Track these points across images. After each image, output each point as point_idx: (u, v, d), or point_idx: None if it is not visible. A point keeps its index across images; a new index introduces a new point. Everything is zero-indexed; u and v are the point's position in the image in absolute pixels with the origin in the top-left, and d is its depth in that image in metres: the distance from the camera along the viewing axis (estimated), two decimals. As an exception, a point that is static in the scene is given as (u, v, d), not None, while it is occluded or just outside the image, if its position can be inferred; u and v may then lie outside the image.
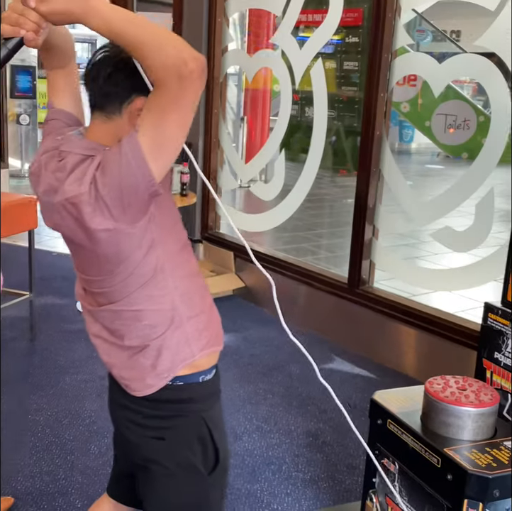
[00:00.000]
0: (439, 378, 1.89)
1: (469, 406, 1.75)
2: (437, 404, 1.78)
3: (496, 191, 3.29)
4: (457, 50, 12.05)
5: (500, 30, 3.07)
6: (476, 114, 11.10)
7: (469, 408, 1.75)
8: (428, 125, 11.13)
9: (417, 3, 3.74)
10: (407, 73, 3.82)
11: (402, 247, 5.99)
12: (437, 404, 1.78)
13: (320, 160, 4.16)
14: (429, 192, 8.43)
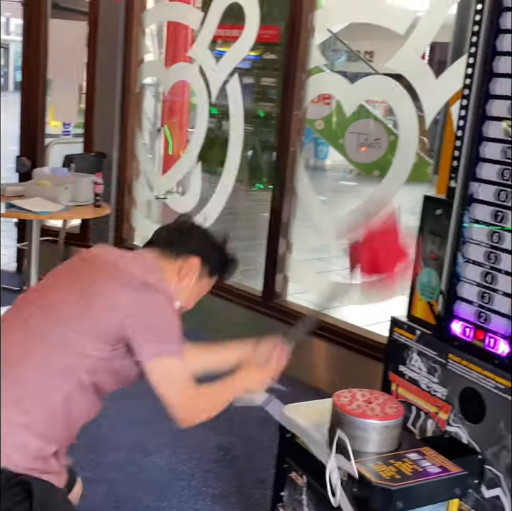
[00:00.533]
0: (346, 391, 1.92)
1: (374, 419, 1.80)
2: (344, 416, 1.82)
3: (404, 208, 3.40)
4: (370, 71, 12.43)
5: (408, 54, 3.19)
6: (387, 133, 11.46)
7: (374, 421, 1.79)
8: (342, 142, 11.42)
9: (332, 24, 3.84)
10: (321, 92, 3.91)
11: (316, 261, 6.09)
12: (344, 416, 1.82)
13: (236, 174, 4.19)
14: (342, 208, 8.63)
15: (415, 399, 2.18)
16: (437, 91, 3.06)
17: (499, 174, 1.98)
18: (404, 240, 2.00)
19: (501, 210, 1.98)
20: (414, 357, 2.21)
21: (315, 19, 3.54)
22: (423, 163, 11.45)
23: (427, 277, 2.27)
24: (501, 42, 1.97)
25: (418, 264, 2.31)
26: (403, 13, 3.26)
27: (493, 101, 2.01)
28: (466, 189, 2.09)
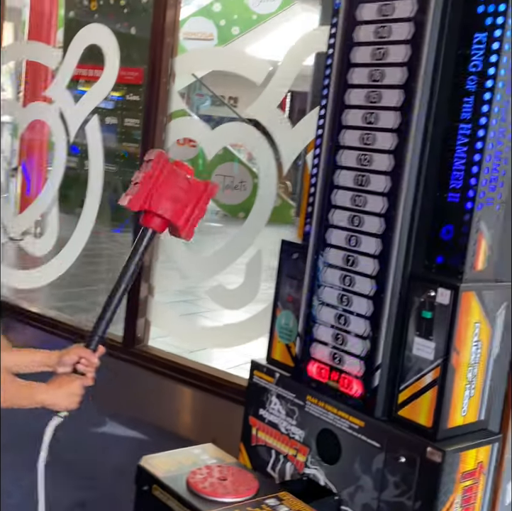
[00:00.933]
0: (204, 468, 1.94)
1: (225, 497, 1.81)
2: (196, 495, 1.81)
3: (266, 249, 3.47)
4: (235, 115, 12.75)
5: (266, 102, 3.29)
6: (251, 176, 11.77)
7: (224, 499, 1.81)
8: (207, 184, 11.53)
9: (194, 70, 3.91)
10: (182, 136, 3.94)
11: (180, 303, 6.05)
12: (196, 495, 1.81)
13: (95, 214, 4.10)
14: (207, 249, 8.67)
15: (275, 443, 2.19)
16: (294, 139, 3.17)
17: (349, 221, 2.07)
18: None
19: (351, 255, 2.06)
20: (273, 400, 2.22)
21: (179, 64, 3.58)
22: (286, 206, 11.83)
23: (285, 320, 2.31)
24: (348, 96, 2.08)
25: (276, 307, 2.35)
26: (261, 64, 3.37)
27: (343, 151, 2.10)
28: (320, 234, 2.16)
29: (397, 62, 1.94)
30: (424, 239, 2.00)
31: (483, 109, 1.87)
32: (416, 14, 1.89)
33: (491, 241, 1.96)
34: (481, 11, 1.87)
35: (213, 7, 14.33)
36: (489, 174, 1.90)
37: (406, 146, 1.92)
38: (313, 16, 11.31)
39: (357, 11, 2.05)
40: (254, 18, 13.83)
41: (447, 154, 1.95)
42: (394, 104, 1.95)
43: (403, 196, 1.93)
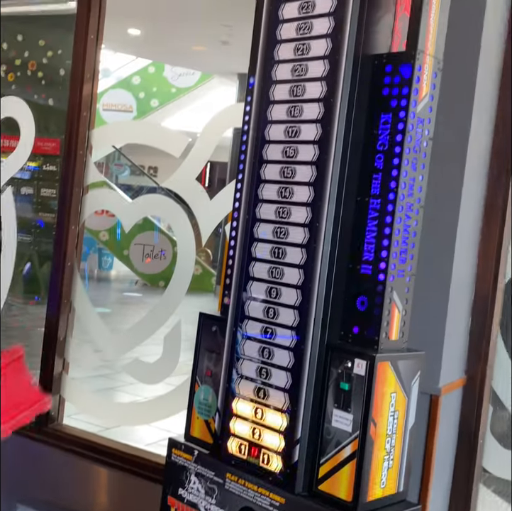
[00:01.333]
0: None
1: None
2: None
3: (187, 319, 3.44)
4: (154, 185, 12.81)
5: (184, 174, 3.32)
6: (172, 245, 11.76)
7: None
8: (127, 253, 11.45)
9: (112, 142, 3.92)
10: (100, 208, 3.91)
11: (96, 378, 5.86)
12: None
13: (8, 287, 3.98)
14: (126, 321, 8.52)
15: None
16: (212, 210, 3.20)
17: (267, 293, 2.08)
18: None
19: (270, 326, 2.06)
20: (192, 479, 2.16)
21: (97, 136, 3.59)
22: (207, 274, 11.84)
23: (204, 395, 2.27)
24: (264, 171, 2.13)
25: (195, 381, 2.31)
26: (179, 137, 3.42)
27: (259, 223, 2.13)
28: (239, 306, 2.17)
29: (309, 140, 2.01)
30: (340, 310, 2.03)
31: (391, 185, 1.96)
32: (326, 95, 1.98)
33: (403, 311, 2.02)
34: (386, 93, 1.98)
35: (132, 80, 14.56)
36: (399, 247, 1.97)
37: (320, 220, 1.97)
38: (231, 90, 11.68)
39: (271, 91, 2.12)
40: (173, 91, 14.12)
41: (359, 227, 2.02)
42: (308, 180, 2.01)
43: (318, 268, 1.97)
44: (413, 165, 1.97)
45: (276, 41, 2.12)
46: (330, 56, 1.97)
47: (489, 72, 2.42)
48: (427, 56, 1.96)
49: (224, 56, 9.10)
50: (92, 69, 3.56)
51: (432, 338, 2.38)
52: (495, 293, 2.55)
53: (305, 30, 2.04)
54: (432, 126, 2.02)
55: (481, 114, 2.42)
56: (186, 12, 6.84)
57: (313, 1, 2.03)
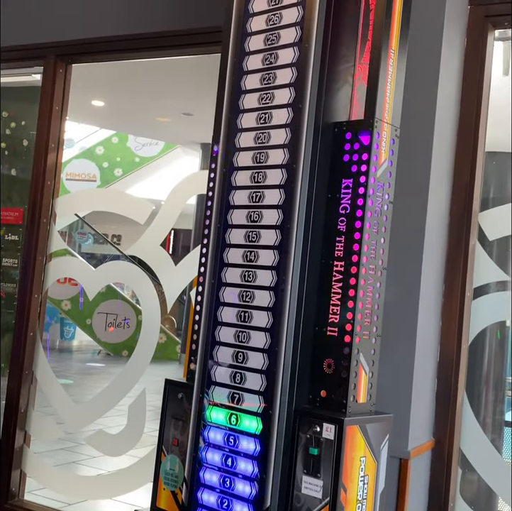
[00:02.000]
0: None
1: None
2: None
3: (151, 388, 3.37)
4: (118, 253, 12.77)
5: (149, 241, 3.33)
6: (136, 313, 11.62)
7: None
8: (89, 323, 11.27)
9: (77, 210, 3.92)
10: (63, 276, 3.87)
11: (59, 451, 5.67)
12: None
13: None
14: (88, 392, 8.33)
15: None
16: (176, 276, 3.20)
17: (234, 357, 2.07)
18: None
19: (237, 392, 2.04)
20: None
21: (61, 204, 3.59)
22: (172, 342, 11.69)
23: (170, 465, 2.21)
24: (229, 236, 2.15)
25: (161, 451, 2.26)
26: (144, 204, 3.44)
27: (225, 287, 2.14)
28: (205, 372, 2.14)
29: (273, 205, 2.05)
30: (307, 373, 2.02)
31: (354, 248, 1.99)
32: (288, 161, 2.02)
33: (370, 373, 2.02)
34: (347, 159, 2.04)
35: (95, 150, 14.69)
36: (364, 308, 1.99)
37: (286, 283, 1.98)
38: (195, 159, 11.85)
39: (234, 158, 2.17)
40: (137, 160, 14.28)
41: (324, 290, 2.03)
42: (272, 243, 2.03)
43: (285, 331, 1.97)
44: (375, 228, 2.02)
45: (239, 110, 2.18)
46: (292, 124, 2.03)
47: (445, 137, 2.52)
48: (384, 124, 2.03)
49: (187, 127, 9.26)
50: (57, 140, 3.60)
51: (399, 401, 2.37)
52: (459, 355, 2.56)
53: (268, 100, 2.10)
54: (392, 190, 2.08)
55: (439, 178, 2.50)
56: (149, 84, 6.99)
57: (274, 73, 2.11)
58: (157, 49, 3.32)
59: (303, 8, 2.05)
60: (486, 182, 3.83)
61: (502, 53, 3.49)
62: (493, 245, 2.76)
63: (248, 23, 2.19)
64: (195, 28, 3.10)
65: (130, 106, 8.41)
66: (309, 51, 2.02)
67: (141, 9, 3.31)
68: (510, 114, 4.16)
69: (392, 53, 2.05)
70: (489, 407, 4.96)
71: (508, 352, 4.90)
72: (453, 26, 2.48)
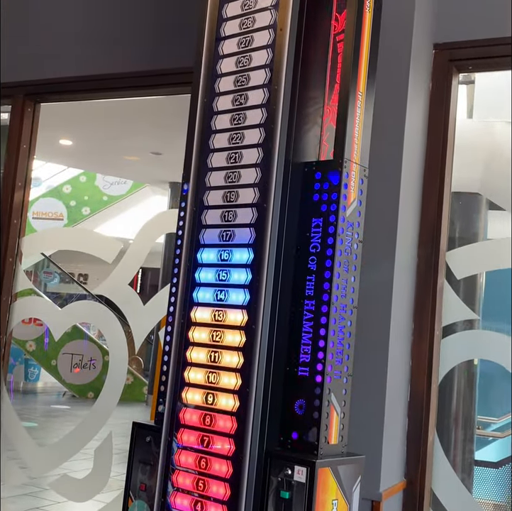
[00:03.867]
0: None
1: None
2: None
3: (117, 431, 3.30)
4: (84, 292, 12.61)
5: (117, 280, 3.29)
6: (102, 354, 11.45)
7: None
8: (55, 363, 11.07)
9: (43, 249, 3.87)
10: (29, 316, 3.81)
11: (23, 497, 5.48)
12: None
13: None
14: (53, 435, 8.12)
15: None
16: (145, 316, 3.16)
17: (203, 398, 2.03)
18: None
19: (206, 434, 2.00)
20: None
21: (27, 243, 3.54)
22: (139, 383, 11.51)
23: (138, 510, 2.15)
24: (199, 274, 2.13)
25: (128, 496, 2.19)
26: (112, 243, 3.41)
27: (194, 327, 2.11)
28: (174, 414, 2.10)
29: (244, 244, 2.04)
30: (278, 415, 2.00)
31: (324, 287, 1.99)
32: (259, 201, 2.03)
33: (342, 414, 2.00)
34: (317, 199, 2.05)
35: (63, 188, 14.62)
36: (335, 347, 1.98)
37: (257, 323, 1.97)
38: (163, 198, 11.86)
39: (205, 197, 2.16)
40: (105, 199, 14.23)
41: (295, 329, 2.02)
42: (243, 283, 2.02)
43: (255, 372, 1.94)
44: (345, 266, 2.02)
45: (209, 150, 2.18)
46: (262, 164, 2.04)
47: (412, 177, 2.56)
48: (353, 164, 2.05)
49: (156, 166, 9.29)
50: (24, 178, 3.57)
51: (370, 441, 2.35)
52: (429, 394, 2.56)
53: (238, 140, 2.11)
54: (361, 229, 2.09)
55: (407, 217, 2.53)
56: (118, 124, 7.01)
57: (244, 113, 2.12)
58: (126, 89, 3.34)
59: (273, 50, 2.08)
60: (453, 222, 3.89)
61: (466, 96, 3.58)
62: (460, 284, 2.79)
63: (218, 65, 2.21)
64: (164, 68, 3.13)
65: (99, 145, 8.42)
66: (278, 92, 2.04)
67: (110, 49, 3.33)
68: (474, 156, 4.25)
69: (360, 95, 2.09)
70: (459, 445, 4.95)
71: (477, 390, 4.92)
72: (419, 70, 2.54)
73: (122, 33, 3.32)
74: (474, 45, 2.56)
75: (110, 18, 3.36)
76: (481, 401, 5.31)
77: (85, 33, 3.42)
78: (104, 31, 3.37)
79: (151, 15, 3.26)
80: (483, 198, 4.89)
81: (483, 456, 5.79)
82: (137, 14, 3.29)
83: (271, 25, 2.09)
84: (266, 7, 2.11)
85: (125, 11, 3.33)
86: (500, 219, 5.33)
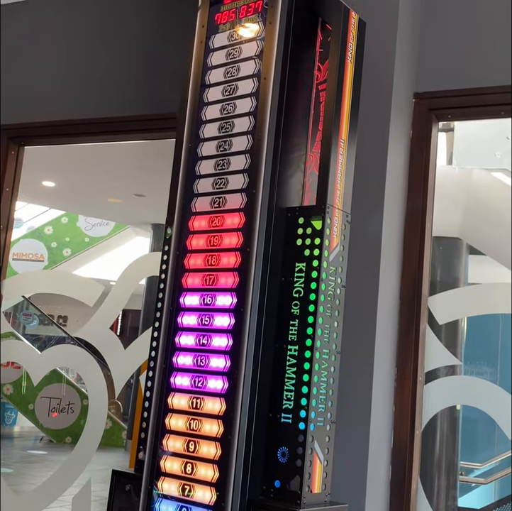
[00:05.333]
0: None
1: None
2: None
3: (95, 477, 3.23)
4: (63, 334, 12.46)
5: (98, 324, 3.26)
6: (80, 397, 11.26)
7: None
8: (32, 408, 10.86)
9: (23, 292, 3.84)
10: (8, 360, 3.74)
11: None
12: None
13: None
14: (29, 482, 7.91)
15: None
16: (126, 360, 3.13)
17: (184, 446, 2.00)
18: None
19: (188, 483, 1.96)
20: None
21: (7, 286, 3.51)
22: (118, 427, 11.30)
23: None
24: (181, 319, 2.12)
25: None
26: (93, 285, 3.39)
27: (177, 373, 2.09)
28: (155, 462, 2.06)
29: (227, 288, 2.04)
30: (261, 462, 1.97)
31: (307, 331, 1.98)
32: (242, 245, 2.03)
33: (325, 462, 1.97)
34: (300, 243, 2.06)
35: (44, 230, 14.56)
36: (318, 393, 1.96)
37: (239, 368, 1.95)
38: (145, 240, 11.85)
39: (188, 240, 2.16)
40: (86, 240, 14.18)
41: (277, 375, 2.01)
42: (226, 328, 2.01)
43: (238, 418, 1.92)
44: (328, 311, 2.02)
45: (193, 194, 2.19)
46: (246, 209, 2.05)
47: (394, 223, 2.58)
48: (336, 209, 2.07)
49: (138, 208, 9.30)
50: (6, 221, 3.55)
51: (353, 490, 2.32)
52: (413, 441, 2.53)
53: (222, 185, 2.13)
54: (344, 274, 2.10)
55: (389, 262, 2.54)
56: (101, 166, 7.04)
57: (228, 159, 2.14)
58: (110, 133, 3.36)
59: (257, 98, 2.11)
60: (434, 266, 3.92)
61: (445, 143, 3.65)
62: (442, 329, 2.80)
63: (203, 111, 2.24)
64: (147, 114, 3.16)
65: (82, 187, 8.43)
66: (262, 139, 2.07)
67: (95, 94, 3.36)
68: (454, 201, 4.31)
69: (342, 142, 2.12)
70: (442, 492, 4.90)
71: (460, 436, 4.89)
72: (399, 117, 2.59)
73: (105, 78, 3.35)
74: (453, 95, 2.62)
75: (95, 63, 3.40)
76: (464, 446, 5.28)
77: (70, 77, 3.46)
78: (88, 76, 3.40)
79: (135, 62, 3.30)
80: (463, 242, 4.96)
81: (467, 503, 5.73)
82: (122, 60, 3.34)
83: (255, 74, 2.13)
84: (250, 56, 2.15)
85: (110, 56, 3.38)
86: (480, 263, 5.38)
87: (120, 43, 3.36)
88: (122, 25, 3.37)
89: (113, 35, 3.39)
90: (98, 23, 3.46)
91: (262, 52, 2.12)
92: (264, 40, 2.11)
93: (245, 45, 2.18)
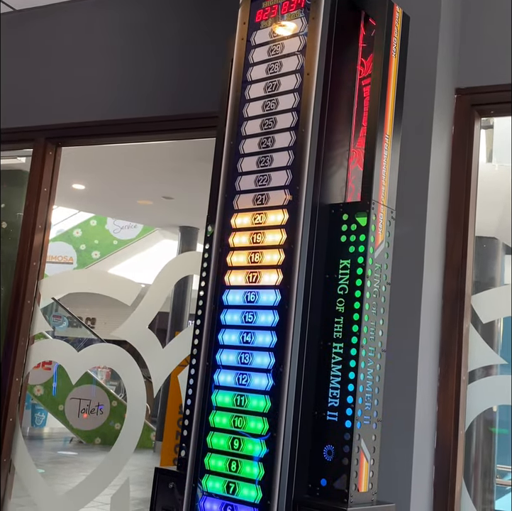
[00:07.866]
0: None
1: None
2: None
3: (132, 477, 3.23)
4: (92, 336, 12.55)
5: (135, 323, 3.27)
6: (109, 399, 11.33)
7: None
8: (62, 409, 10.94)
9: (58, 292, 3.86)
10: (45, 359, 3.77)
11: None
12: None
13: None
14: (60, 482, 7.97)
15: None
16: (164, 359, 3.13)
17: (229, 444, 1.99)
18: None
19: (232, 481, 1.95)
20: None
21: (47, 285, 3.54)
22: (146, 429, 11.35)
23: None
24: (224, 316, 2.11)
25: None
26: (131, 285, 3.40)
27: (220, 370, 2.08)
28: (198, 460, 2.05)
29: (271, 285, 2.02)
30: (307, 461, 1.95)
31: (353, 329, 1.96)
32: (286, 242, 2.02)
33: (371, 461, 1.95)
34: (344, 240, 2.04)
35: (73, 232, 14.71)
36: (364, 391, 1.94)
37: (284, 366, 1.93)
38: (173, 242, 11.89)
39: (230, 238, 2.15)
40: (115, 243, 14.29)
41: (323, 372, 1.99)
42: (270, 325, 1.99)
43: (283, 417, 1.90)
44: (374, 309, 2.00)
45: (235, 192, 2.18)
46: (290, 205, 2.04)
47: (437, 221, 2.55)
48: (381, 206, 2.05)
49: (167, 210, 9.33)
50: (44, 221, 3.59)
51: (399, 489, 2.29)
52: (456, 441, 2.49)
53: (265, 182, 2.12)
54: (389, 272, 2.07)
55: (433, 260, 2.51)
56: (131, 169, 7.08)
57: (271, 156, 2.13)
58: (149, 133, 3.37)
59: (300, 94, 2.10)
60: (476, 265, 3.86)
61: (485, 141, 3.60)
62: (486, 327, 2.75)
63: (245, 108, 2.23)
64: (187, 113, 3.16)
65: (111, 189, 8.48)
66: (306, 136, 2.05)
67: (134, 94, 3.37)
68: (494, 200, 4.25)
69: (387, 138, 2.10)
70: (479, 495, 4.83)
71: (496, 438, 4.82)
72: (441, 113, 2.56)
73: (145, 78, 3.36)
74: (495, 90, 2.58)
75: (134, 63, 3.42)
76: (500, 449, 5.20)
77: (108, 78, 3.48)
78: (127, 75, 3.42)
79: (175, 61, 3.31)
80: (499, 242, 4.88)
81: (502, 506, 5.64)
82: (159, 60, 3.34)
83: (298, 70, 2.12)
84: (293, 52, 2.14)
85: (149, 55, 3.39)
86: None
87: (159, 43, 3.37)
88: (161, 24, 3.38)
89: (153, 35, 3.40)
90: (138, 23, 3.47)
91: (305, 47, 2.10)
92: (307, 35, 2.10)
93: (287, 41, 2.16)
